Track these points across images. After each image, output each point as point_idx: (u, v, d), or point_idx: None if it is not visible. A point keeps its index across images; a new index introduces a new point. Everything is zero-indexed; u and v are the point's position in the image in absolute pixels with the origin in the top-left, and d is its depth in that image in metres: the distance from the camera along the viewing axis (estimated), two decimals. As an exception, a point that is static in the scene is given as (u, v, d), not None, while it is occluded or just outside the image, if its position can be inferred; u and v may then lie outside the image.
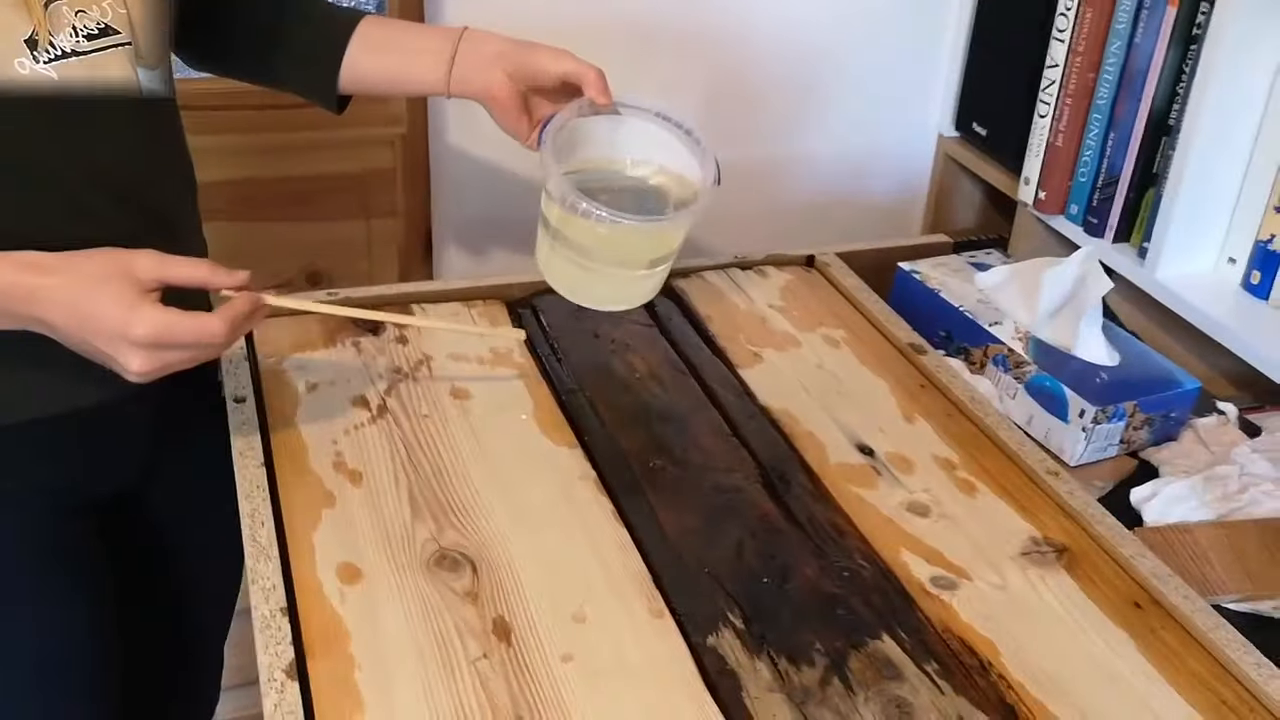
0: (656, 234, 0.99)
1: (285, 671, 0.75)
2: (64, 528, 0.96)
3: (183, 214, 0.98)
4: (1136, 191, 1.40)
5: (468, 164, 1.62)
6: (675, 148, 1.02)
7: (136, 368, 0.78)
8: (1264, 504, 1.04)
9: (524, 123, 1.02)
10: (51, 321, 0.78)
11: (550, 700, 0.75)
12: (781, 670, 0.79)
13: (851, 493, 0.97)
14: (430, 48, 1.02)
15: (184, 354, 0.80)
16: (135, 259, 0.79)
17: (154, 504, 1.06)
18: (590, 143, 1.03)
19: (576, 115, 0.99)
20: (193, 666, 1.24)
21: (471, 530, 0.89)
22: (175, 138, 0.97)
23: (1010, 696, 0.78)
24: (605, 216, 0.93)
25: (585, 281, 1.02)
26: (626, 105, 1.01)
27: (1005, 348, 1.18)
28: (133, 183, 0.88)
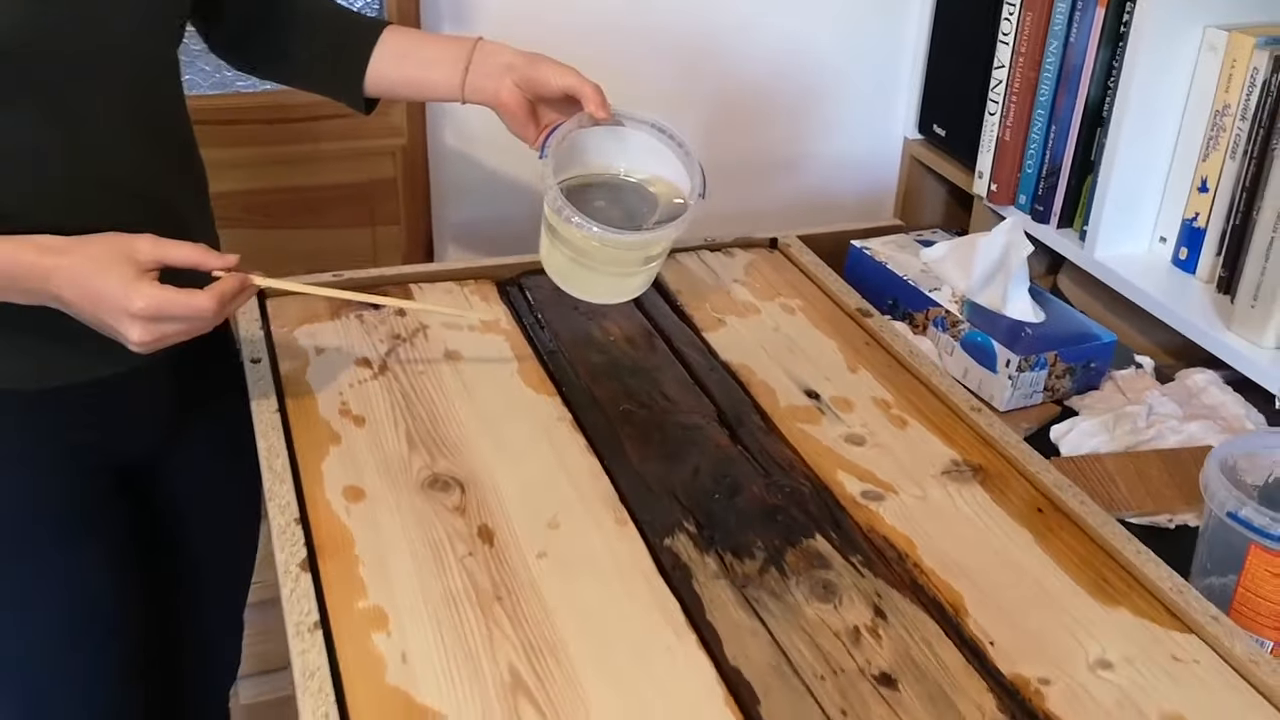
0: (643, 244, 1.11)
1: (299, 565, 0.88)
2: (91, 487, 1.06)
3: (194, 213, 1.07)
4: (1077, 179, 1.52)
5: (464, 173, 1.74)
6: (668, 157, 1.13)
7: (136, 338, 0.88)
8: (1169, 438, 1.16)
9: (531, 128, 1.12)
10: (65, 298, 0.88)
11: (525, 585, 0.88)
12: (727, 563, 0.92)
13: (797, 429, 1.10)
14: (446, 58, 1.12)
15: (178, 326, 0.90)
16: (136, 242, 0.89)
17: (175, 469, 1.16)
18: (592, 150, 1.14)
19: (577, 127, 1.10)
20: (213, 627, 1.33)
21: (461, 460, 1.02)
22: (185, 142, 1.07)
23: (921, 579, 0.91)
24: (596, 231, 1.05)
25: (582, 277, 1.15)
26: (626, 116, 1.12)
27: (943, 310, 1.31)
28: (144, 182, 0.98)
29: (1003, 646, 0.85)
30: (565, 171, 1.14)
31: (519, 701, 0.78)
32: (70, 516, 1.06)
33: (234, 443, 1.14)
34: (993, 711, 0.79)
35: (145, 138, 0.97)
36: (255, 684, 1.68)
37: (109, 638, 1.12)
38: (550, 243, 1.13)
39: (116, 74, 0.94)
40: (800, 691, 0.80)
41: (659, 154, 1.14)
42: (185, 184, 1.06)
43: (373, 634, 0.83)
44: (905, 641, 0.85)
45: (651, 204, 1.15)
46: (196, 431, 1.15)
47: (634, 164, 1.16)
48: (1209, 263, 1.40)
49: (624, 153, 1.15)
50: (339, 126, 1.75)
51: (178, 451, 1.14)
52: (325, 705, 0.76)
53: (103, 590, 1.10)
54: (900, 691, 0.80)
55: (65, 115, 0.91)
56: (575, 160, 1.14)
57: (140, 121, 0.97)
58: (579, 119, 1.09)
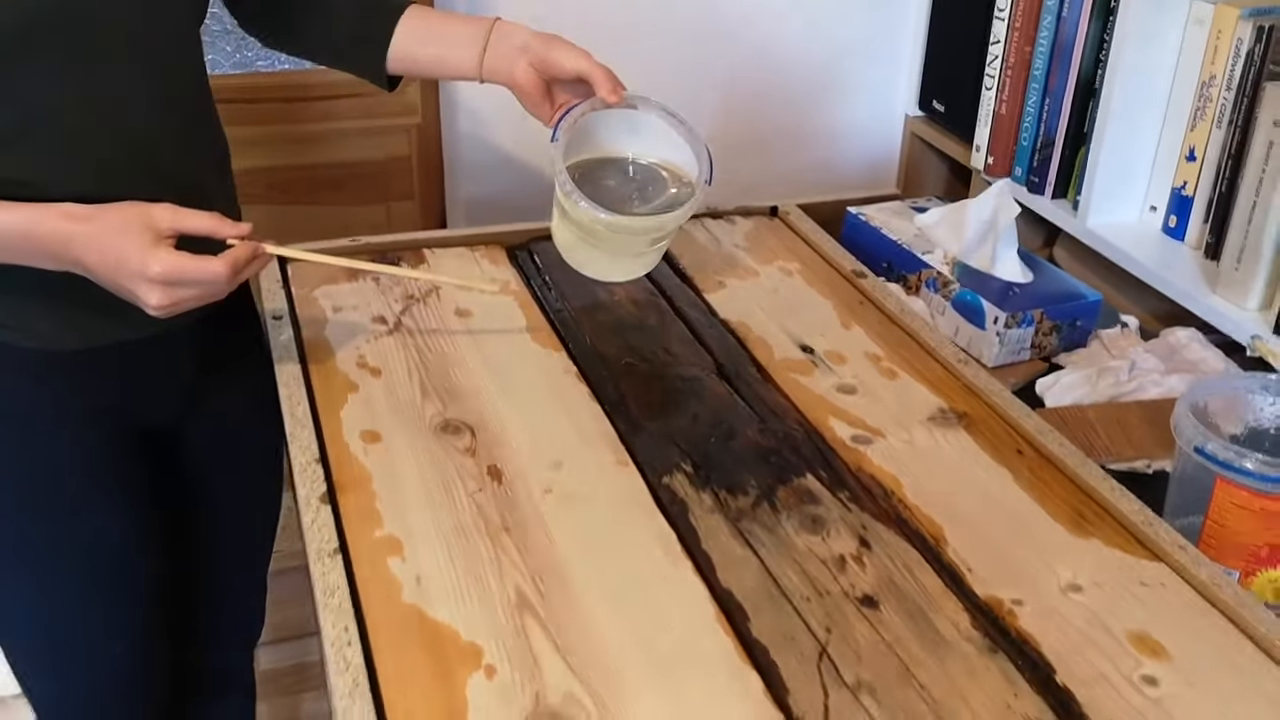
0: (650, 228, 1.14)
1: (320, 499, 0.94)
2: (114, 449, 1.10)
3: (216, 185, 1.10)
4: (1070, 151, 1.56)
5: (477, 150, 1.79)
6: (677, 142, 1.16)
7: (155, 302, 0.92)
8: (1149, 391, 1.21)
9: (546, 107, 1.15)
10: (86, 263, 0.91)
11: (531, 518, 0.94)
12: (722, 499, 0.97)
13: (792, 379, 1.15)
14: (464, 38, 1.15)
15: (193, 291, 0.94)
16: (153, 210, 0.93)
17: (198, 432, 1.19)
18: (603, 133, 1.17)
19: (589, 110, 1.12)
20: (237, 588, 1.38)
21: (471, 407, 1.08)
22: (208, 116, 1.10)
23: (905, 514, 0.96)
24: (603, 216, 1.09)
25: (592, 256, 1.19)
26: (638, 100, 1.14)
27: (935, 271, 1.36)
28: (166, 154, 1.01)
29: (979, 572, 0.90)
30: (577, 153, 1.17)
31: (525, 618, 0.84)
32: (93, 476, 1.10)
33: (256, 407, 1.19)
34: (967, 628, 0.85)
35: (169, 111, 1.01)
36: (274, 651, 1.74)
37: (130, 596, 1.17)
38: (561, 222, 1.18)
39: (142, 47, 0.98)
40: (788, 611, 0.85)
41: (669, 138, 1.17)
42: (207, 157, 1.10)
43: (389, 559, 0.89)
44: (888, 568, 0.90)
45: (660, 185, 1.19)
46: (219, 396, 1.18)
47: (644, 147, 1.19)
48: (1197, 230, 1.44)
49: (635, 136, 1.18)
50: (356, 105, 1.80)
51: (200, 415, 1.18)
52: (345, 619, 0.82)
53: (125, 549, 1.14)
54: (881, 611, 0.86)
55: (91, 87, 0.94)
56: (587, 142, 1.17)
57: (164, 95, 1.00)
58: (591, 102, 1.12)
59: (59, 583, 1.12)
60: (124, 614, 1.17)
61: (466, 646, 0.81)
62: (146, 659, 1.21)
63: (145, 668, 1.22)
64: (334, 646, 0.80)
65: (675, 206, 1.15)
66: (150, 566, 1.18)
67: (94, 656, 1.16)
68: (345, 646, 0.79)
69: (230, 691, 1.44)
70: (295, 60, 1.74)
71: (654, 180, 1.19)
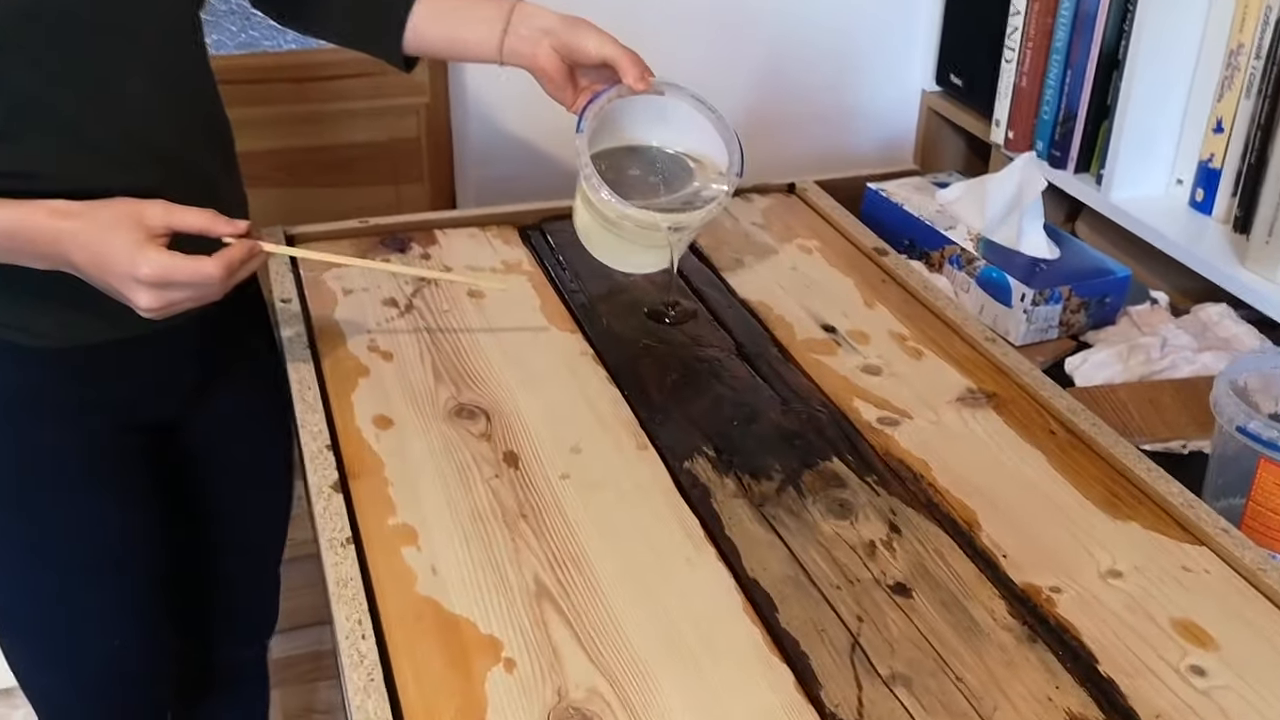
0: (681, 223, 1.09)
1: (332, 487, 0.91)
2: (117, 442, 1.07)
3: (221, 172, 1.07)
4: (1093, 124, 1.53)
5: (487, 130, 1.76)
6: (707, 131, 1.11)
7: (145, 304, 0.88)
8: (1182, 368, 1.18)
9: (569, 92, 1.10)
10: (75, 261, 0.87)
11: (549, 504, 0.91)
12: (745, 484, 0.94)
13: (814, 360, 1.12)
14: (484, 18, 1.11)
15: (186, 292, 0.89)
16: (145, 207, 0.88)
17: (205, 428, 1.16)
18: (629, 121, 1.13)
19: (616, 97, 1.08)
20: (247, 583, 1.35)
21: (486, 391, 1.05)
22: (210, 101, 1.06)
23: (936, 497, 0.93)
24: (631, 211, 1.04)
25: (614, 247, 1.15)
26: (667, 86, 1.10)
27: (959, 248, 1.33)
28: (169, 142, 0.97)
29: (1014, 558, 0.87)
30: (601, 141, 1.13)
31: (544, 608, 0.81)
32: (92, 471, 1.07)
33: (263, 399, 1.17)
34: (1004, 616, 0.81)
35: (170, 98, 0.98)
36: (288, 639, 1.72)
37: (129, 590, 1.14)
38: (582, 211, 1.14)
39: (141, 33, 0.95)
40: (817, 599, 0.82)
41: (698, 127, 1.12)
42: (211, 143, 1.06)
43: (403, 549, 0.86)
44: (919, 554, 0.87)
45: (688, 176, 1.15)
46: (225, 389, 1.15)
47: (672, 136, 1.15)
48: (1225, 203, 1.41)
49: (662, 124, 1.14)
50: (363, 85, 1.77)
51: (205, 409, 1.15)
52: (358, 612, 0.79)
53: (123, 544, 1.11)
54: (914, 599, 0.83)
55: (90, 76, 0.91)
56: (612, 130, 1.12)
57: (165, 81, 0.97)
58: (618, 89, 1.08)
59: (56, 578, 1.09)
60: (122, 609, 1.15)
61: (485, 639, 0.78)
62: (145, 653, 1.19)
63: (144, 662, 1.19)
64: (348, 640, 0.77)
65: (702, 200, 1.10)
66: (149, 561, 1.15)
67: (91, 651, 1.13)
68: (359, 640, 0.77)
69: (242, 685, 1.42)
70: (301, 40, 1.71)
71: (681, 171, 1.15)
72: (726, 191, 1.09)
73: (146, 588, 1.16)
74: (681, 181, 1.13)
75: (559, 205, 1.38)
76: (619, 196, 1.05)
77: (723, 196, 1.08)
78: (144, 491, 1.12)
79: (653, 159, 1.15)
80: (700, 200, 1.11)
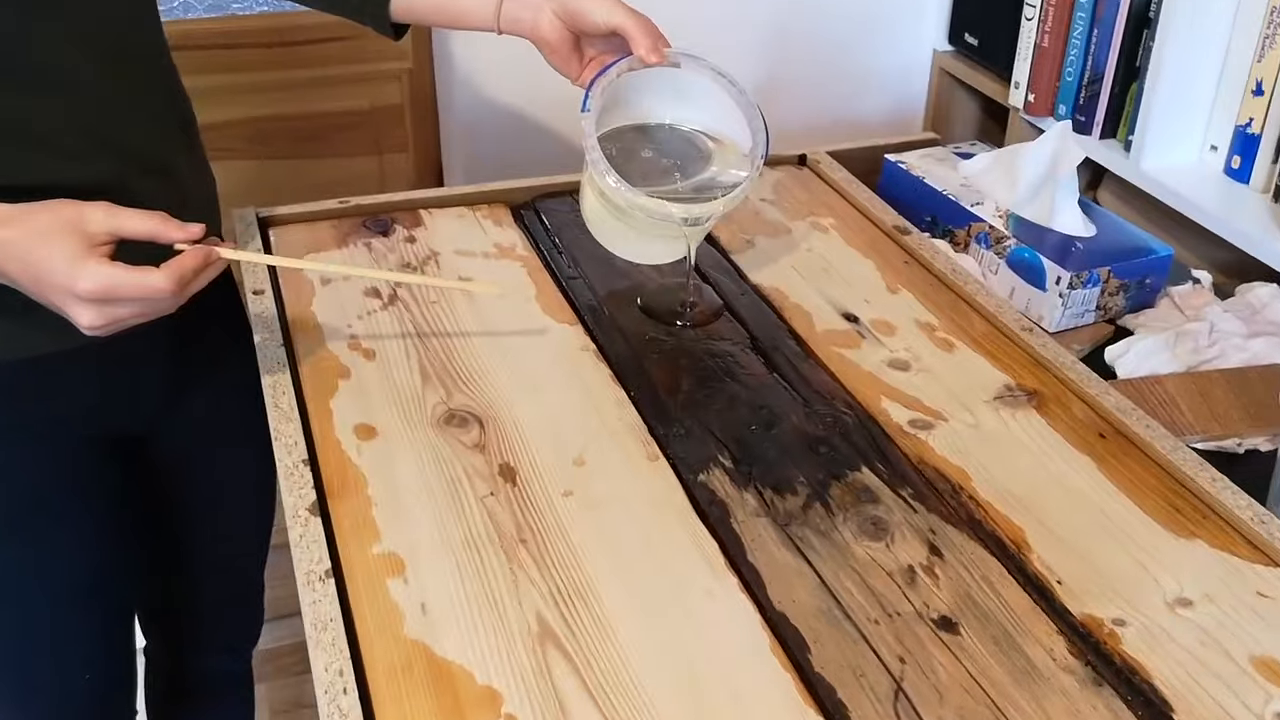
0: (699, 215, 0.99)
1: (309, 509, 0.82)
2: (79, 457, 0.99)
3: (177, 153, 0.98)
4: (1121, 87, 1.44)
5: (475, 98, 1.66)
6: (728, 108, 1.00)
7: (86, 321, 0.78)
8: (1232, 357, 1.09)
9: (574, 63, 1.01)
10: (9, 274, 0.78)
11: (552, 526, 0.82)
12: (767, 500, 0.85)
13: (836, 354, 1.02)
14: None
15: (131, 308, 0.79)
16: (87, 211, 0.78)
17: (177, 435, 1.09)
18: (642, 95, 1.01)
19: (627, 70, 0.97)
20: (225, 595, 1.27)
21: (478, 394, 0.96)
22: (164, 77, 0.97)
23: (978, 513, 0.84)
24: (643, 202, 0.94)
25: (625, 236, 1.04)
26: (685, 56, 0.99)
27: (987, 225, 1.23)
28: (111, 124, 0.88)
29: (1070, 585, 0.78)
30: (611, 119, 1.01)
31: (548, 651, 0.72)
32: (56, 488, 0.98)
33: (240, 404, 1.06)
34: (1064, 655, 0.73)
35: (116, 74, 0.89)
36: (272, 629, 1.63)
37: (99, 617, 1.06)
38: (589, 195, 1.03)
39: (83, 9, 0.85)
40: (854, 637, 0.74)
41: (718, 104, 1.01)
42: (170, 126, 0.97)
43: (388, 581, 0.77)
44: (965, 581, 0.78)
45: (706, 158, 1.04)
46: (198, 394, 1.08)
47: (689, 114, 1.03)
48: (1264, 170, 1.33)
49: (679, 100, 1.02)
50: (342, 50, 1.67)
51: (177, 416, 1.07)
52: (340, 660, 0.70)
53: (90, 563, 1.03)
54: (962, 635, 0.74)
55: (29, 62, 0.82)
56: (623, 106, 1.01)
57: (113, 64, 0.88)
58: (629, 61, 0.97)
59: (16, 611, 1.00)
60: (90, 639, 1.06)
61: (482, 691, 0.70)
62: (114, 680, 1.11)
63: (113, 690, 1.12)
64: (327, 694, 0.68)
65: (722, 186, 0.99)
66: (119, 586, 1.07)
67: (60, 688, 1.05)
68: (340, 695, 0.68)
69: (224, 694, 1.35)
70: (274, 2, 1.61)
71: (699, 153, 1.04)
72: (749, 178, 0.98)
73: (117, 615, 1.08)
74: (699, 165, 1.03)
75: (555, 181, 1.28)
76: (628, 184, 0.94)
77: (745, 183, 0.98)
78: (111, 511, 1.04)
79: (667, 139, 1.04)
80: (719, 187, 1.00)
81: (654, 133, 1.04)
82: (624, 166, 0.98)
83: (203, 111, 1.05)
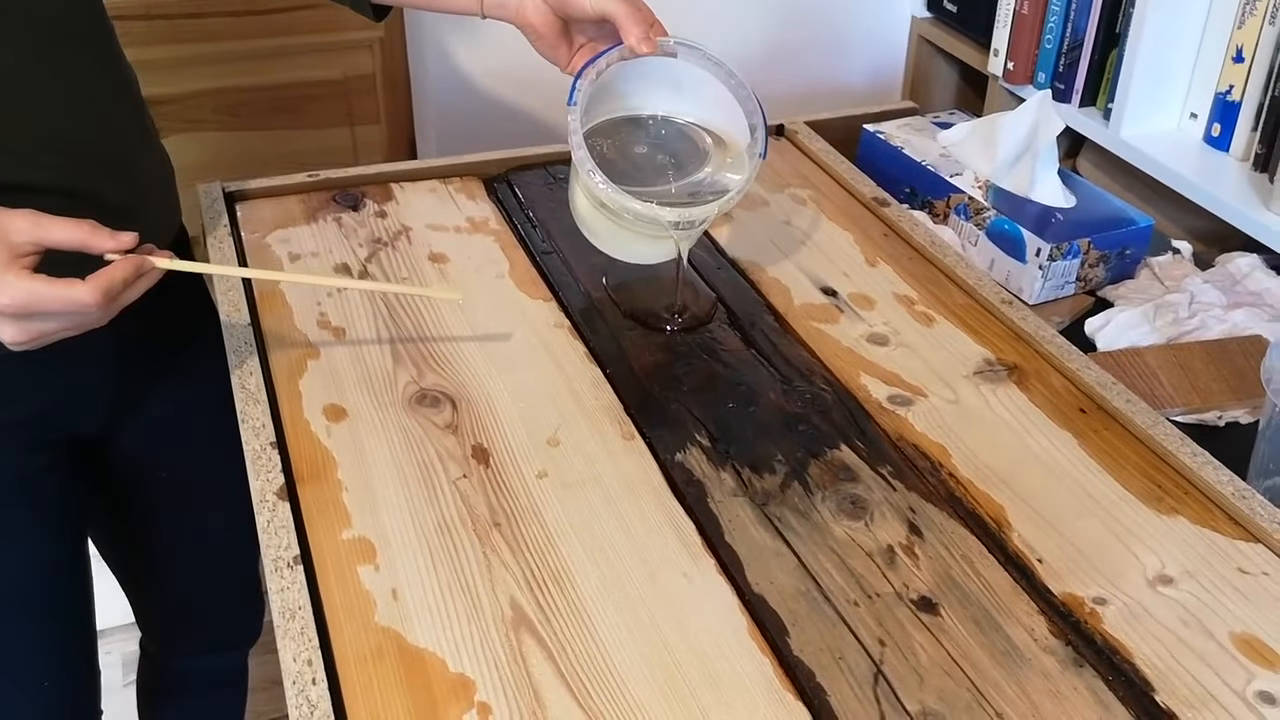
0: (694, 218, 0.95)
1: (276, 494, 0.80)
2: (30, 463, 0.95)
3: (127, 145, 0.93)
4: (1100, 54, 1.42)
5: (448, 67, 1.63)
6: (725, 100, 0.96)
7: (9, 337, 0.74)
8: (1213, 328, 1.08)
9: (562, 50, 0.97)
10: None
11: (526, 509, 0.81)
12: (745, 479, 0.84)
13: (815, 329, 1.01)
14: None
15: (56, 322, 0.75)
16: (10, 220, 0.73)
17: (139, 434, 1.05)
18: (635, 85, 0.97)
19: (618, 59, 0.93)
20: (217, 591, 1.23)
21: (451, 373, 0.94)
22: (103, 64, 0.91)
23: (958, 491, 0.83)
24: (633, 206, 0.90)
25: (615, 234, 0.99)
26: (681, 45, 0.94)
27: (966, 196, 1.22)
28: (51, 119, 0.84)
29: (1052, 563, 0.77)
30: (600, 111, 0.96)
31: (522, 637, 0.71)
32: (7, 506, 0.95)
33: (208, 396, 1.03)
34: (1045, 636, 0.72)
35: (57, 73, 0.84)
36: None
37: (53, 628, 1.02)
38: (579, 194, 0.98)
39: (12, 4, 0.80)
40: (833, 620, 0.73)
41: (715, 96, 0.96)
42: (119, 116, 0.92)
43: (359, 568, 0.75)
44: (945, 561, 0.77)
45: (701, 156, 0.99)
46: (163, 389, 1.04)
47: (683, 106, 0.99)
48: (1244, 139, 1.31)
49: (673, 91, 0.98)
50: (311, 18, 1.65)
51: (142, 415, 1.03)
52: (308, 650, 0.68)
53: (40, 576, 1.00)
54: (942, 617, 0.73)
55: None
56: (612, 96, 0.97)
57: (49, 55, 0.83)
58: (620, 50, 0.92)
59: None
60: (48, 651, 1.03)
61: (454, 679, 0.68)
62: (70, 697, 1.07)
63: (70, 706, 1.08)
64: (295, 685, 0.66)
65: (717, 186, 0.95)
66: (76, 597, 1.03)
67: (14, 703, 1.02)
68: (309, 685, 0.66)
69: (216, 692, 1.32)
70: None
71: (693, 148, 0.99)
72: (746, 179, 0.93)
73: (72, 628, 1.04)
74: (694, 162, 0.98)
75: (528, 154, 1.26)
76: (615, 185, 0.90)
77: (741, 185, 0.93)
78: (62, 521, 0.99)
79: (663, 133, 0.99)
80: (714, 186, 0.96)
81: (648, 126, 1.00)
82: (616, 162, 0.94)
83: (170, 82, 1.02)
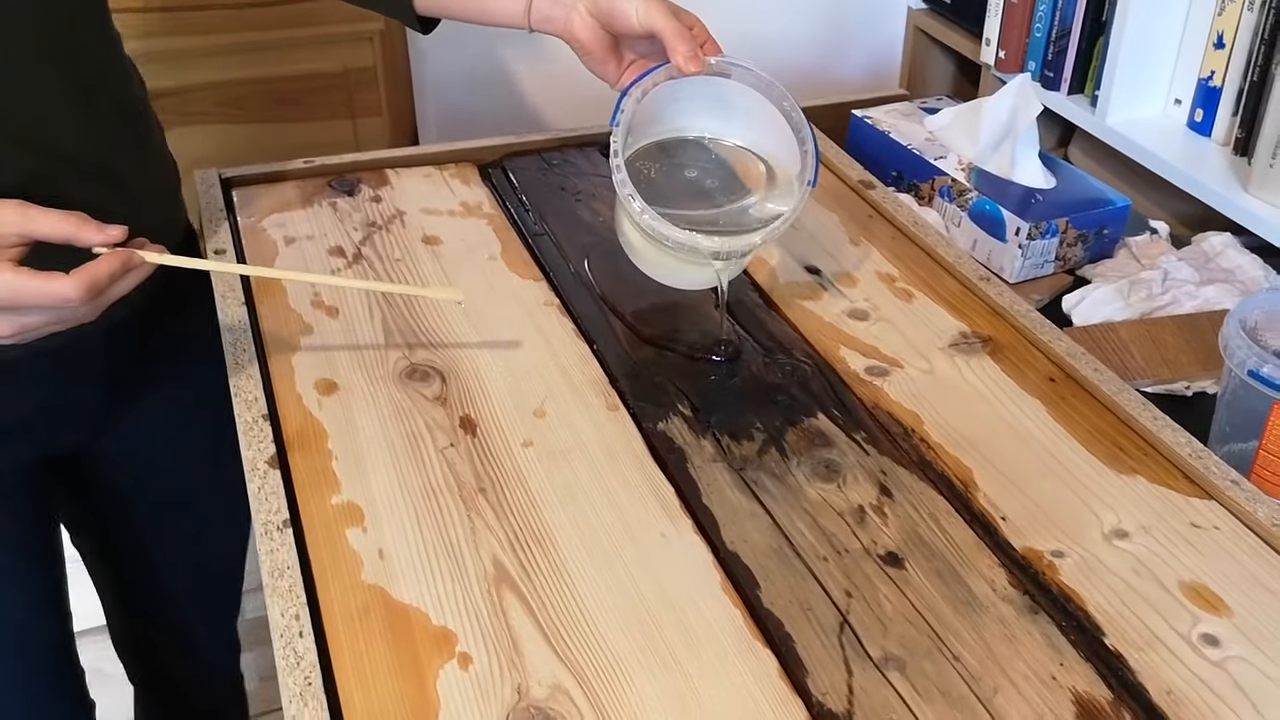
0: (737, 249, 0.92)
1: (267, 462, 0.83)
2: (12, 484, 0.95)
3: (117, 152, 0.91)
4: (1088, 42, 1.45)
5: (448, 59, 1.65)
6: (776, 124, 0.93)
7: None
8: (1185, 304, 1.11)
9: (611, 66, 0.95)
10: None
11: (511, 475, 0.84)
12: (724, 445, 0.87)
13: (797, 305, 1.04)
14: None
15: (39, 317, 0.75)
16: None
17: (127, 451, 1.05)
18: (684, 104, 0.95)
19: (665, 79, 0.90)
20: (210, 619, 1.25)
21: (441, 349, 0.97)
22: (100, 69, 0.90)
23: (929, 455, 0.86)
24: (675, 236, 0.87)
25: (657, 260, 0.97)
26: (732, 64, 0.92)
27: (950, 179, 1.24)
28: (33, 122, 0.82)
29: (1014, 520, 0.80)
30: (646, 131, 0.94)
31: (503, 593, 0.74)
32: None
33: (200, 416, 1.04)
34: (1004, 586, 0.75)
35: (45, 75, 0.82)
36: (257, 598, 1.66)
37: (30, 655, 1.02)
38: (623, 219, 0.96)
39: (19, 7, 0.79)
40: (802, 574, 0.76)
41: (766, 119, 0.93)
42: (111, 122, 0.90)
43: (347, 530, 0.79)
44: (912, 519, 0.80)
45: (751, 178, 0.97)
46: (149, 403, 1.03)
47: (732, 127, 0.96)
48: (1225, 124, 1.34)
49: (723, 112, 0.95)
50: (312, 10, 1.68)
51: (125, 429, 1.03)
52: (295, 605, 0.72)
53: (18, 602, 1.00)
54: (908, 570, 0.76)
55: None
56: (658, 117, 0.94)
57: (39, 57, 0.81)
58: (667, 69, 0.89)
59: None
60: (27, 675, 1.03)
61: (437, 632, 0.71)
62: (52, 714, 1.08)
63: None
64: (283, 638, 0.70)
65: (763, 215, 0.93)
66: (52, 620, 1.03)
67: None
68: (296, 638, 0.69)
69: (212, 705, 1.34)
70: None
71: (741, 173, 0.96)
72: (794, 209, 0.89)
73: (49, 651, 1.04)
74: (741, 188, 0.96)
75: (523, 140, 1.29)
76: (656, 210, 0.87)
77: (788, 215, 0.89)
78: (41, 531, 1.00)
79: (710, 156, 0.97)
80: (761, 213, 0.94)
81: (697, 148, 0.98)
82: (661, 186, 0.93)
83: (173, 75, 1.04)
